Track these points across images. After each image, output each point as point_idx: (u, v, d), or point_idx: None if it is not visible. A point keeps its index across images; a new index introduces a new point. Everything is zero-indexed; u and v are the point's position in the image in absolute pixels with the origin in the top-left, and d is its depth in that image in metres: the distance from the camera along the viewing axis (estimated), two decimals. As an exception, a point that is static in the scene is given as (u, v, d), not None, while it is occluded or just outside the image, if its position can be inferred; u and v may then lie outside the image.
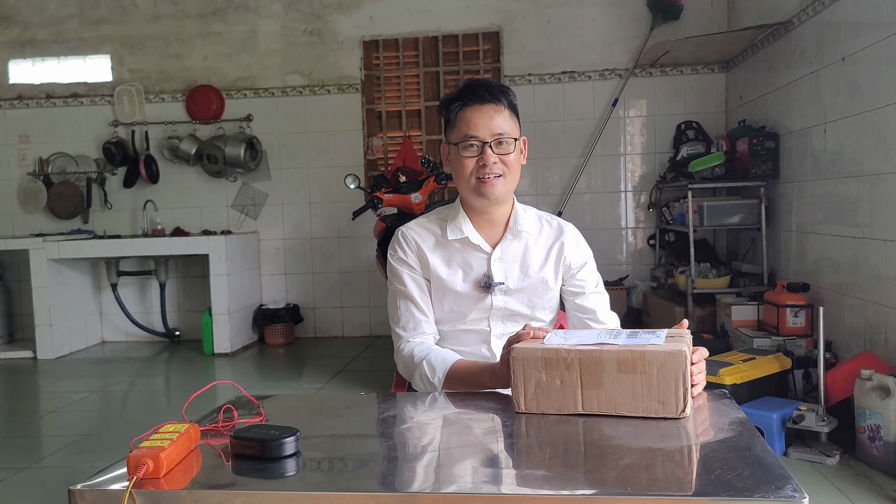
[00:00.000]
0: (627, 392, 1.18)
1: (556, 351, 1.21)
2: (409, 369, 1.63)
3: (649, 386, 1.17)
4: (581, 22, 5.19)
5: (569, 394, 1.20)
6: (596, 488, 0.95)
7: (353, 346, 5.22)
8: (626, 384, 1.17)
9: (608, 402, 1.19)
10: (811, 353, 3.21)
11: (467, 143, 1.59)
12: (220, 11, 5.47)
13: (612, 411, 1.19)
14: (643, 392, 1.17)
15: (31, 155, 5.68)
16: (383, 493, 0.97)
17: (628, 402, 1.18)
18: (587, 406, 1.20)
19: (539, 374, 1.21)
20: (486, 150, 1.58)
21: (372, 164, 5.46)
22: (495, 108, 1.59)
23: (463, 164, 1.60)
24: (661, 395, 1.17)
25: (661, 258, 5.15)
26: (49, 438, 3.38)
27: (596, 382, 1.19)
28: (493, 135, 1.58)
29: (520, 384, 1.23)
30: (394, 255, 1.69)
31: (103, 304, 5.64)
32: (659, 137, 5.19)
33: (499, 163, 1.59)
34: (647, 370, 1.17)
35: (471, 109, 1.59)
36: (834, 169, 3.41)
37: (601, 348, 1.20)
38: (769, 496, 0.87)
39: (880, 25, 2.96)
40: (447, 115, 1.65)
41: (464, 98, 1.61)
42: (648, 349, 1.18)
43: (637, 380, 1.17)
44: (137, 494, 0.96)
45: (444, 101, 1.66)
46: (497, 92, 1.60)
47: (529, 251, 1.68)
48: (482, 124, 1.58)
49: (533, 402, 1.22)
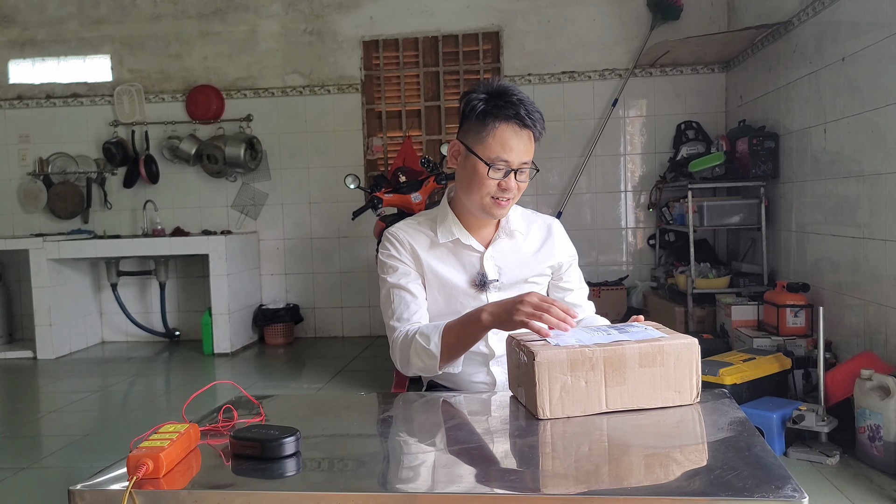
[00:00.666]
0: (647, 385, 1.21)
1: (581, 352, 1.20)
2: (404, 353, 1.57)
3: (667, 377, 1.21)
4: (581, 22, 5.19)
5: (593, 393, 1.20)
6: (595, 488, 0.95)
7: (352, 346, 5.22)
8: (647, 377, 1.20)
9: (630, 396, 1.21)
10: (811, 353, 3.21)
11: (498, 164, 1.55)
12: (219, 11, 5.47)
13: (634, 405, 1.20)
14: (662, 383, 1.21)
15: (31, 155, 5.68)
16: (383, 493, 0.97)
17: (649, 395, 1.21)
18: (611, 403, 1.20)
19: (564, 377, 1.19)
20: (511, 176, 1.56)
21: (372, 164, 5.46)
22: (531, 135, 1.57)
23: (484, 182, 1.56)
24: (678, 384, 1.22)
25: (661, 258, 5.15)
26: (49, 438, 3.38)
27: (619, 378, 1.20)
28: (521, 163, 1.57)
29: (544, 390, 1.19)
30: (385, 252, 1.68)
31: (103, 304, 5.64)
32: (659, 137, 5.19)
33: (515, 188, 1.58)
34: (665, 362, 1.21)
35: (510, 130, 1.54)
36: (834, 169, 3.41)
37: (621, 345, 1.21)
38: (769, 496, 0.87)
39: (880, 25, 2.96)
40: (477, 117, 1.56)
41: (505, 113, 1.53)
42: (664, 342, 1.21)
43: (657, 372, 1.21)
44: (137, 494, 0.96)
45: (476, 100, 1.56)
46: (538, 119, 1.56)
47: (521, 249, 1.70)
48: (517, 150, 1.54)
49: (558, 406, 1.19)
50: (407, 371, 1.63)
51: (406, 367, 1.61)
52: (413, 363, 1.56)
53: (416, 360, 1.55)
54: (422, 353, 1.53)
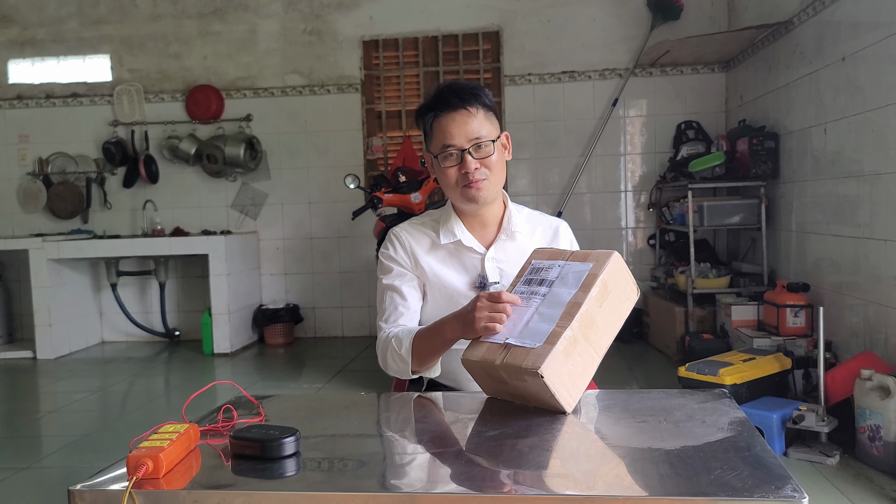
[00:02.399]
0: (610, 312, 1.30)
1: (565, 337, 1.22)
2: (383, 354, 1.60)
3: (617, 295, 1.32)
4: (581, 22, 5.19)
5: (587, 357, 1.26)
6: (596, 488, 0.95)
7: (352, 346, 5.22)
8: (607, 308, 1.30)
9: (606, 331, 1.30)
10: (811, 353, 3.21)
11: (446, 153, 1.59)
12: (219, 11, 5.47)
13: (614, 333, 1.31)
14: (616, 303, 1.31)
15: (30, 155, 5.67)
16: (383, 493, 0.97)
17: (616, 319, 1.32)
18: (600, 350, 1.29)
19: (565, 367, 1.22)
20: (465, 157, 1.58)
21: (372, 164, 5.46)
22: (468, 112, 1.59)
23: (446, 173, 1.61)
24: (626, 294, 1.34)
25: (661, 258, 5.15)
26: (49, 438, 3.38)
27: (595, 329, 1.27)
28: (470, 140, 1.58)
29: (561, 389, 1.22)
30: (384, 252, 1.71)
31: (103, 304, 5.64)
32: (659, 137, 5.19)
33: (481, 167, 1.59)
34: (611, 287, 1.31)
35: (445, 118, 1.59)
36: (834, 169, 3.41)
37: (580, 303, 1.26)
38: (769, 496, 0.87)
39: (880, 25, 2.96)
40: (423, 125, 1.64)
41: (436, 107, 1.60)
42: (602, 273, 1.29)
43: (611, 298, 1.31)
44: (137, 494, 0.96)
45: (418, 111, 1.65)
46: (468, 96, 1.59)
47: (524, 250, 1.69)
48: (457, 132, 1.58)
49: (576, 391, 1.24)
50: (387, 371, 1.65)
51: (385, 367, 1.64)
52: (389, 365, 1.60)
53: (391, 362, 1.59)
54: (395, 357, 1.56)
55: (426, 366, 1.56)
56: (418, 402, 1.45)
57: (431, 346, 1.51)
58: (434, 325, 1.51)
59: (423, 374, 1.60)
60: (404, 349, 1.53)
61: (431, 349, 1.52)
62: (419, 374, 1.59)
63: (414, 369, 1.56)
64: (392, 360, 1.57)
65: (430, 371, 1.60)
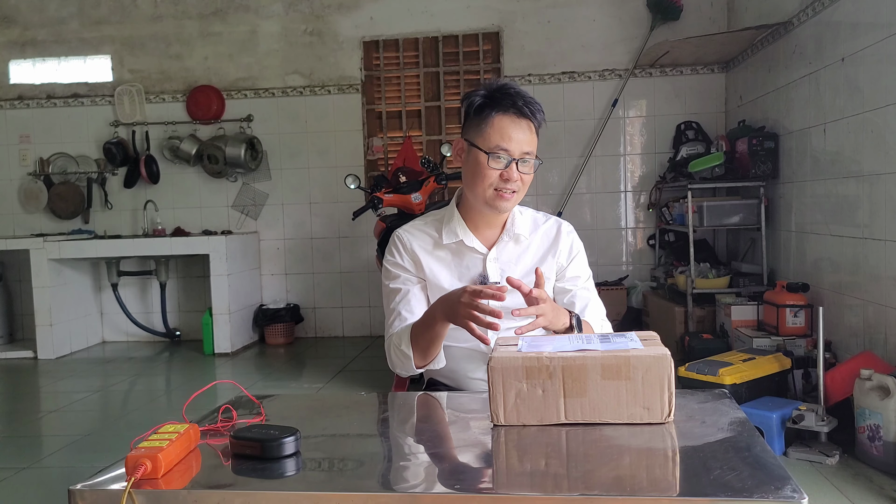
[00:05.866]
0: (612, 398, 1.14)
1: (538, 359, 1.15)
2: (389, 355, 1.64)
3: (634, 391, 1.13)
4: (581, 22, 5.19)
5: (551, 403, 1.15)
6: (595, 489, 0.95)
7: (353, 346, 5.22)
8: (611, 390, 1.14)
9: (592, 410, 1.15)
10: (811, 353, 3.21)
11: (497, 154, 1.56)
12: (220, 12, 5.47)
13: (596, 419, 1.15)
14: (628, 398, 1.14)
15: (31, 155, 5.68)
16: (383, 493, 0.97)
17: (613, 410, 1.14)
18: (570, 415, 1.16)
19: (520, 384, 1.16)
20: (512, 166, 1.57)
21: (372, 165, 5.47)
22: (530, 125, 1.58)
23: (486, 173, 1.57)
24: (647, 400, 1.13)
25: (660, 258, 5.15)
26: (49, 438, 3.38)
27: (580, 390, 1.14)
28: (523, 153, 1.57)
29: (499, 395, 1.16)
30: (389, 259, 1.72)
31: (104, 304, 5.64)
32: (659, 137, 5.19)
33: (519, 180, 1.59)
34: (632, 375, 1.13)
35: (508, 119, 1.56)
36: (834, 169, 3.41)
37: (584, 354, 1.15)
38: (769, 496, 0.87)
39: (880, 25, 2.96)
40: (475, 112, 1.59)
41: (503, 104, 1.56)
42: (632, 354, 1.14)
43: (622, 386, 1.13)
44: (137, 494, 0.96)
45: (475, 96, 1.60)
46: (535, 109, 1.58)
47: (527, 252, 1.70)
48: (516, 139, 1.56)
49: (513, 414, 1.17)
50: (395, 371, 1.67)
51: (393, 367, 1.66)
52: (395, 363, 1.63)
53: (396, 360, 1.61)
54: (399, 354, 1.59)
55: (429, 357, 1.58)
56: (419, 402, 1.45)
57: (427, 334, 1.53)
58: (427, 315, 1.54)
59: (429, 366, 1.61)
60: (404, 345, 1.56)
61: (429, 338, 1.54)
62: (426, 367, 1.61)
63: (419, 363, 1.58)
64: (396, 357, 1.60)
65: (435, 362, 1.61)
